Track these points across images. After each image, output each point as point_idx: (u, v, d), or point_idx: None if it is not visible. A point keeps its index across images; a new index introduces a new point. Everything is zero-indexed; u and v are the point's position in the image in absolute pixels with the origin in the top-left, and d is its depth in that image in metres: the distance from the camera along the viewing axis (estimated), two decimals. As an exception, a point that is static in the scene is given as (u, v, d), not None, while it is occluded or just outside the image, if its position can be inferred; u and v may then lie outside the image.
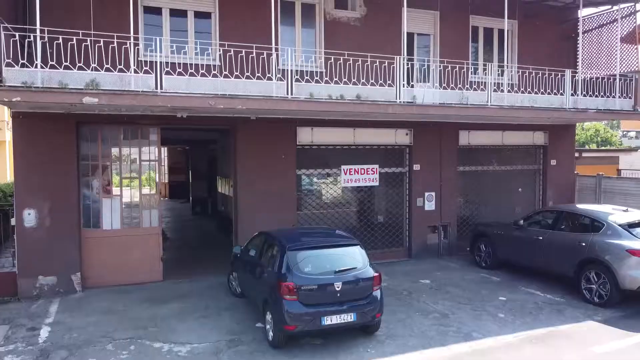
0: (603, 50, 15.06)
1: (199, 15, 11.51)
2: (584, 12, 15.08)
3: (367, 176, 13.34)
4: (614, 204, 14.51)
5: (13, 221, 10.48)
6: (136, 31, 10.13)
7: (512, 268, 12.18)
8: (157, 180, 11.70)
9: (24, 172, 10.27)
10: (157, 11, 11.19)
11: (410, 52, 13.20)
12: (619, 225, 9.84)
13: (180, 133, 16.54)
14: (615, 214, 10.26)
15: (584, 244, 10.10)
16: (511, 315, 9.28)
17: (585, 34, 15.31)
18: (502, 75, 12.38)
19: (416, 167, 13.77)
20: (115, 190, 11.30)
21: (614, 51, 14.40)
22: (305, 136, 12.52)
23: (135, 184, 11.59)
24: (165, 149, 24.57)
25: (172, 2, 11.23)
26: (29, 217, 10.42)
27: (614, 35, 14.48)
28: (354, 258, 8.13)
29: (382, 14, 12.69)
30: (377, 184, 13.43)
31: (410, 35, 13.15)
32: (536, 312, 9.47)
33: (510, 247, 12.07)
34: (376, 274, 8.05)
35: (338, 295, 7.61)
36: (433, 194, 13.98)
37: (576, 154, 16.48)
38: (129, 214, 11.52)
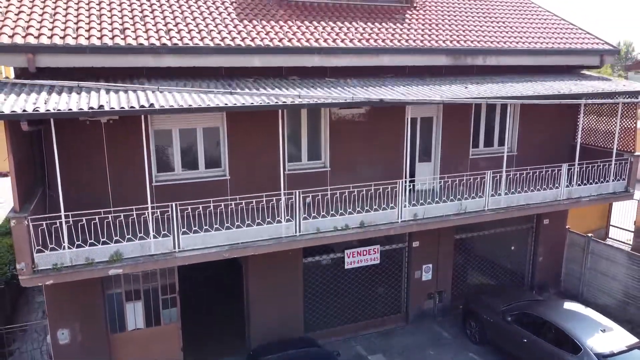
0: (602, 120, 15.33)
1: (207, 131, 11.87)
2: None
3: (369, 256, 14.23)
4: (599, 268, 15.70)
5: (48, 338, 11.64)
6: (149, 158, 10.71)
7: (501, 349, 13.43)
8: (177, 288, 12.65)
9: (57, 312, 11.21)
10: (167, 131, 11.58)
11: (413, 133, 13.62)
12: (596, 354, 10.95)
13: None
14: (595, 338, 11.30)
15: (563, 364, 11.29)
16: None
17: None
18: (500, 180, 12.82)
19: (415, 244, 14.62)
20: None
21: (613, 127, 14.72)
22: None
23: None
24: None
25: (180, 123, 11.52)
26: (62, 335, 11.57)
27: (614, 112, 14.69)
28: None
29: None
30: (378, 262, 14.37)
31: (413, 120, 13.50)
32: None
33: (497, 335, 13.30)
34: None
35: None
36: (430, 265, 14.97)
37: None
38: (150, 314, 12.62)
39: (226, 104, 9.32)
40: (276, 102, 9.66)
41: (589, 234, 16.27)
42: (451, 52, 12.76)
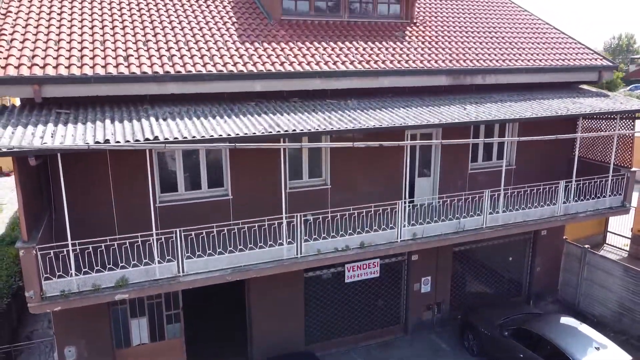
0: (600, 137, 15.50)
1: (209, 151, 12.06)
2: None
3: (368, 270, 14.44)
4: (596, 279, 15.95)
5: (55, 356, 11.93)
6: (153, 184, 10.95)
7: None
8: (181, 304, 12.91)
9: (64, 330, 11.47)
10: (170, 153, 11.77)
11: (412, 149, 13.81)
12: (588, 373, 11.25)
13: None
14: (589, 356, 11.57)
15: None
16: None
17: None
18: (498, 198, 13.02)
19: (414, 257, 14.86)
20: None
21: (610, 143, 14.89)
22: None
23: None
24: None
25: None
26: (69, 353, 11.85)
27: (612, 129, 14.85)
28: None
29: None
30: (378, 275, 14.61)
31: (413, 136, 13.69)
32: None
33: (494, 349, 13.59)
34: None
35: None
36: (429, 278, 15.23)
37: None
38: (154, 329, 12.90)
39: (229, 134, 9.49)
40: (278, 132, 9.84)
41: (586, 245, 16.51)
42: (450, 72, 12.91)
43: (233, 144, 8.57)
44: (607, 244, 21.22)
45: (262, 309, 13.32)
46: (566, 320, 13.36)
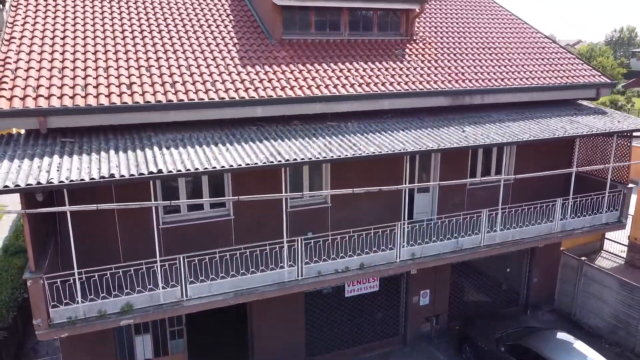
0: (598, 151, 15.68)
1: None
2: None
3: (368, 284, 14.73)
4: (592, 291, 16.20)
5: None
6: (157, 210, 11.17)
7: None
8: (184, 320, 13.17)
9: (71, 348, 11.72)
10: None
11: (412, 165, 14.00)
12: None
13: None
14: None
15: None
16: None
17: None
18: (496, 217, 13.23)
19: (413, 271, 15.07)
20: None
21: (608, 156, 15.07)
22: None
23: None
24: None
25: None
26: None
27: (609, 145, 15.02)
28: None
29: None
30: (377, 289, 14.87)
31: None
32: None
33: (491, 363, 13.90)
34: None
35: None
36: (427, 291, 15.48)
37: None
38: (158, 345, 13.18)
39: (231, 165, 9.68)
40: (279, 162, 10.02)
41: (583, 258, 16.74)
42: (450, 93, 13.05)
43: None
44: (605, 251, 21.45)
45: (263, 323, 13.58)
46: (562, 336, 13.62)
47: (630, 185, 14.78)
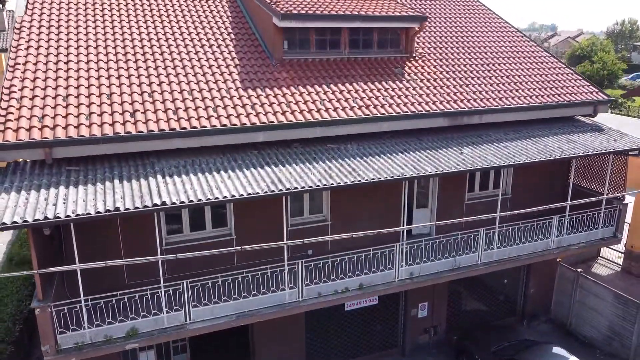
0: (595, 166, 15.87)
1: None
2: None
3: (367, 298, 14.99)
4: (588, 302, 16.49)
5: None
6: (160, 235, 11.41)
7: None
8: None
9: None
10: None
11: (410, 182, 14.19)
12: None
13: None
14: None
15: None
16: None
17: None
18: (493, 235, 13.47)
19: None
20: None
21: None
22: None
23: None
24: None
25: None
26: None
27: (606, 161, 15.20)
28: None
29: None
30: (376, 302, 15.15)
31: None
32: None
33: (488, 376, 14.22)
34: None
35: None
36: (426, 303, 15.77)
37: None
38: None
39: (233, 195, 9.89)
40: (280, 190, 10.23)
41: (579, 269, 17.00)
42: (448, 115, 13.21)
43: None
44: (601, 257, 21.68)
45: (264, 336, 13.89)
46: (557, 350, 13.91)
47: (626, 201, 14.98)
